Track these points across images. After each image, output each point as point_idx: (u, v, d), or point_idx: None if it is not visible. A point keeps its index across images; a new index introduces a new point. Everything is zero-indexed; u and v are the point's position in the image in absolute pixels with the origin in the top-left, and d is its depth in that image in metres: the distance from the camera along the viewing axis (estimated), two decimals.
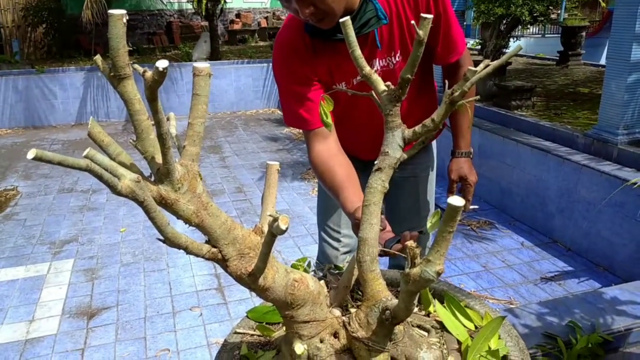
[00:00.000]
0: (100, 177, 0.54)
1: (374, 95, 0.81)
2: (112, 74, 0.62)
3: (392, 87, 0.79)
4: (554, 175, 3.64)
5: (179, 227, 0.68)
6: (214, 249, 0.72)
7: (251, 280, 0.71)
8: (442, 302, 0.99)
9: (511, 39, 5.38)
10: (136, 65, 0.58)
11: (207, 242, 0.74)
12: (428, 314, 0.98)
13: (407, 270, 0.67)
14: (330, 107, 1.01)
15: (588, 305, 2.15)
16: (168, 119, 0.74)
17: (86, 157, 0.56)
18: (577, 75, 6.55)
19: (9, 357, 2.76)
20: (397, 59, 1.49)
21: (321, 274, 1.05)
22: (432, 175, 1.93)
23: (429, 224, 0.71)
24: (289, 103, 1.52)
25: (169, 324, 2.98)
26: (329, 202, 1.83)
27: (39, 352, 2.79)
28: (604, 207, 3.25)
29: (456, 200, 0.61)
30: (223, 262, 0.73)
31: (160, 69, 0.55)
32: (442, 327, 0.92)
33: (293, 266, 1.07)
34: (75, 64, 7.77)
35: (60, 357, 2.75)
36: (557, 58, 7.48)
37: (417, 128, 0.80)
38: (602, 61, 7.70)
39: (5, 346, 2.84)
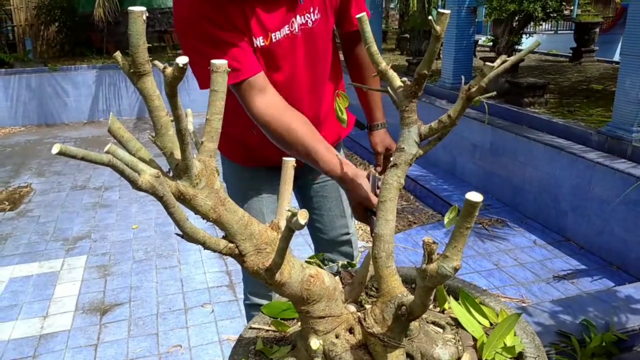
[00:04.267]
0: (122, 172, 0.55)
1: (390, 90, 0.81)
2: (131, 70, 0.62)
3: (408, 82, 0.79)
4: (567, 173, 3.61)
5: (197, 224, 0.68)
6: (231, 245, 0.73)
7: (268, 276, 0.72)
8: (456, 299, 0.99)
9: (524, 36, 5.33)
10: (156, 62, 0.58)
11: (224, 237, 0.74)
12: (443, 311, 0.98)
13: (423, 266, 0.67)
14: (347, 103, 1.00)
15: (602, 304, 2.14)
16: (186, 115, 0.75)
17: (107, 152, 0.57)
18: (591, 72, 6.48)
19: (24, 352, 2.80)
20: (316, 16, 1.38)
21: (335, 270, 1.05)
22: None
23: (446, 220, 0.71)
24: (209, 55, 1.20)
25: (181, 320, 3.00)
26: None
27: (53, 348, 2.82)
28: (617, 205, 3.22)
29: (474, 196, 0.61)
30: (240, 257, 0.74)
31: (181, 65, 0.56)
32: (457, 323, 0.92)
33: (307, 262, 1.07)
34: (87, 62, 7.83)
35: (73, 353, 2.78)
36: (570, 55, 7.41)
37: (434, 124, 0.80)
38: (616, 58, 7.62)
39: (20, 341, 2.88)
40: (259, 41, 1.31)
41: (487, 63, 0.74)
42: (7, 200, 4.82)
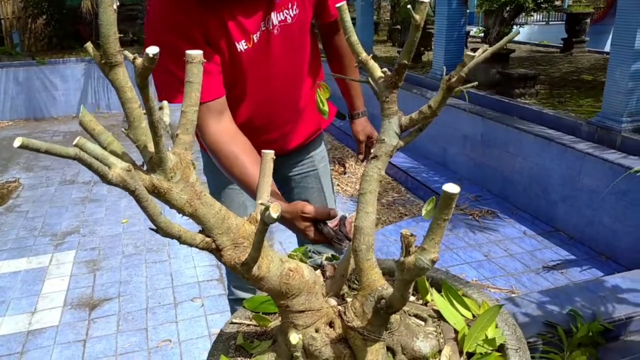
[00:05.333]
0: (89, 166, 0.54)
1: (370, 81, 0.80)
2: (103, 61, 0.61)
3: (389, 73, 0.78)
4: (557, 164, 3.62)
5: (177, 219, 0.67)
6: (207, 239, 0.72)
7: (245, 270, 0.71)
8: (439, 291, 0.98)
9: (514, 26, 5.33)
10: (126, 52, 0.57)
11: (200, 231, 0.73)
12: (425, 303, 0.98)
13: (401, 258, 0.66)
14: (328, 94, 0.99)
15: (589, 294, 2.15)
16: (161, 108, 0.73)
17: (76, 145, 0.55)
18: (581, 62, 6.50)
19: (12, 348, 2.78)
20: (294, 11, 1.36)
21: (318, 263, 1.04)
22: (328, 165, 1.85)
23: (424, 212, 0.70)
24: (169, 69, 1.23)
25: (171, 314, 2.99)
26: (234, 212, 1.73)
27: (41, 343, 2.80)
28: (607, 195, 3.24)
29: (451, 188, 0.60)
30: (217, 251, 0.73)
31: (151, 56, 0.54)
32: (439, 316, 0.92)
33: (290, 256, 1.06)
34: (75, 55, 7.75)
35: (62, 348, 2.76)
36: (561, 45, 7.42)
37: (414, 115, 0.79)
38: (607, 48, 7.64)
39: (8, 337, 2.86)
40: (242, 45, 1.30)
41: (468, 52, 0.73)
42: None
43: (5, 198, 4.72)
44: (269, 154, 0.80)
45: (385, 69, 0.79)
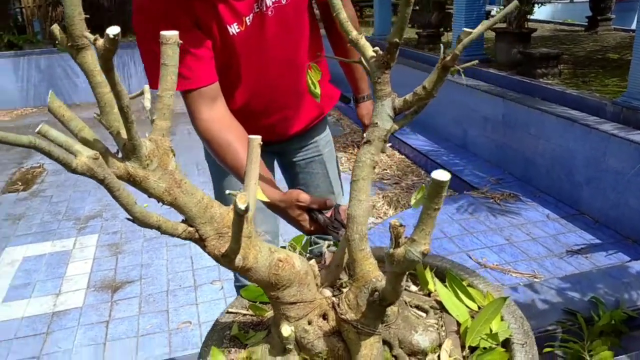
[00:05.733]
0: (49, 155, 0.51)
1: (363, 61, 0.75)
2: (69, 44, 0.58)
3: (380, 52, 0.73)
4: (581, 145, 3.50)
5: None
6: (190, 229, 0.69)
7: (227, 261, 0.68)
8: (444, 281, 0.94)
9: (536, 5, 5.14)
10: (86, 33, 0.53)
11: (183, 221, 0.70)
12: (429, 294, 0.93)
13: (391, 250, 0.62)
14: (319, 76, 0.94)
15: (612, 280, 2.07)
16: (142, 93, 0.70)
17: (39, 132, 0.53)
18: (607, 41, 6.25)
19: (38, 329, 2.84)
20: None
21: (319, 252, 1.01)
22: (334, 150, 1.79)
23: (413, 200, 0.65)
24: (159, 55, 1.28)
25: (191, 297, 3.01)
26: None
27: (66, 325, 2.86)
28: (633, 177, 3.11)
29: (441, 175, 0.55)
30: (201, 241, 0.70)
31: (111, 36, 0.51)
32: (442, 308, 0.88)
33: (290, 244, 1.03)
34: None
35: (85, 329, 2.81)
36: (586, 24, 7.15)
37: (408, 96, 0.74)
38: (633, 26, 7.32)
39: (34, 318, 2.92)
40: (234, 28, 1.25)
41: (465, 29, 0.67)
42: (20, 180, 4.88)
43: (30, 183, 4.81)
44: (256, 139, 0.76)
45: (377, 48, 0.74)
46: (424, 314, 0.85)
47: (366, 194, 0.76)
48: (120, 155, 0.64)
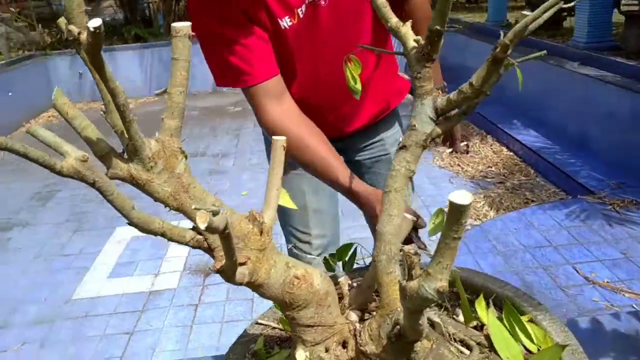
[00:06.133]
0: (25, 156, 0.48)
1: (405, 53, 0.65)
2: (71, 37, 0.55)
3: (422, 41, 0.62)
4: None
5: None
6: (199, 237, 0.64)
7: (224, 278, 0.62)
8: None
9: None
10: (71, 27, 0.50)
11: (193, 228, 0.66)
12: (482, 326, 0.81)
13: (403, 282, 0.52)
14: (359, 70, 0.84)
15: None
16: (164, 92, 0.66)
17: (28, 132, 0.51)
18: None
19: (135, 306, 3.04)
20: None
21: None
22: None
23: (430, 226, 0.55)
24: (220, 54, 1.18)
25: None
26: (291, 197, 1.61)
27: (159, 304, 3.02)
28: None
29: (460, 197, 0.44)
30: (210, 251, 0.65)
31: (92, 29, 0.47)
32: (491, 345, 0.75)
33: (338, 252, 0.95)
34: None
35: (177, 310, 2.96)
36: None
37: (452, 95, 0.62)
38: None
39: (133, 295, 3.13)
40: (286, 22, 1.18)
41: (524, 12, 0.55)
42: None
43: None
44: (279, 141, 0.69)
45: (419, 37, 0.63)
46: (467, 352, 0.73)
47: (399, 208, 0.66)
48: (125, 156, 0.60)
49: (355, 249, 0.96)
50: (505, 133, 4.80)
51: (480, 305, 0.81)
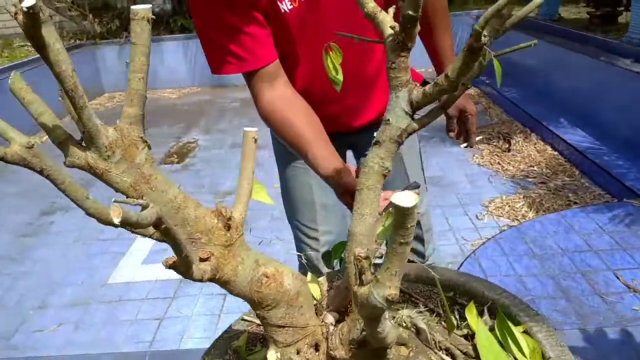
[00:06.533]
0: None
1: (385, 41, 0.60)
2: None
3: (398, 28, 0.57)
4: None
5: None
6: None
7: (179, 273, 0.59)
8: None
9: None
10: (9, 7, 0.48)
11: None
12: (473, 335, 0.75)
13: (355, 288, 0.48)
14: (340, 59, 0.79)
15: None
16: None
17: None
18: None
19: (166, 293, 3.10)
20: None
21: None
22: (416, 142, 1.55)
23: (379, 230, 0.50)
24: (216, 40, 1.16)
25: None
26: (296, 192, 1.53)
27: (189, 292, 3.06)
28: None
29: (404, 199, 0.39)
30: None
31: (25, 9, 0.45)
32: (478, 356, 0.69)
33: (334, 249, 0.91)
34: None
35: (206, 299, 2.99)
36: None
37: (428, 88, 0.57)
38: None
39: (166, 282, 3.18)
40: (286, 5, 1.14)
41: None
42: (176, 154, 5.37)
43: (183, 157, 5.27)
44: (250, 133, 0.66)
45: (396, 25, 0.58)
46: None
47: (371, 207, 0.61)
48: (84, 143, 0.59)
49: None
50: (550, 132, 4.60)
51: (470, 313, 0.75)
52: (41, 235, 3.91)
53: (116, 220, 0.40)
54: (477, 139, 1.47)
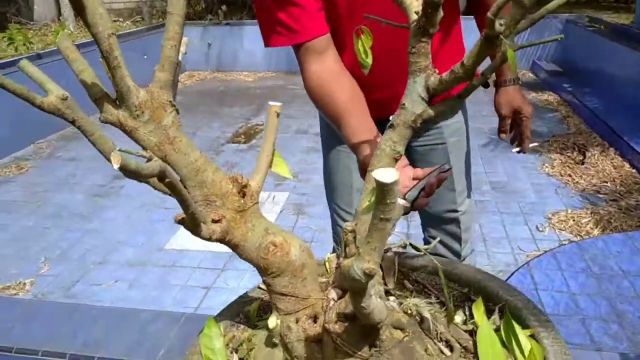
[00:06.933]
0: (3, 87, 0.52)
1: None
2: None
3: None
4: None
5: None
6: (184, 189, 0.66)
7: (188, 229, 0.62)
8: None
9: None
10: None
11: (181, 180, 0.67)
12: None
13: (340, 260, 0.49)
14: (370, 42, 0.79)
15: None
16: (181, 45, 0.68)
17: (19, 67, 0.55)
18: None
19: (216, 264, 3.22)
20: None
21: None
22: (465, 139, 1.48)
23: (361, 206, 0.50)
24: (270, 10, 1.16)
25: None
26: (337, 175, 1.52)
27: (237, 266, 3.17)
28: None
29: (385, 175, 0.40)
30: None
31: None
32: (476, 352, 0.68)
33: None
34: None
35: (251, 274, 3.07)
36: None
37: (445, 75, 0.57)
38: None
39: (216, 254, 3.31)
40: None
41: None
42: (244, 134, 5.53)
43: (250, 138, 5.42)
44: (274, 107, 0.68)
45: (419, 10, 0.58)
46: (448, 353, 0.68)
47: None
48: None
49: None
50: (631, 147, 4.32)
51: (477, 309, 0.74)
52: (111, 197, 4.17)
53: (115, 166, 0.44)
54: (532, 145, 1.42)
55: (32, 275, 3.16)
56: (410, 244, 0.95)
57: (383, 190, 0.41)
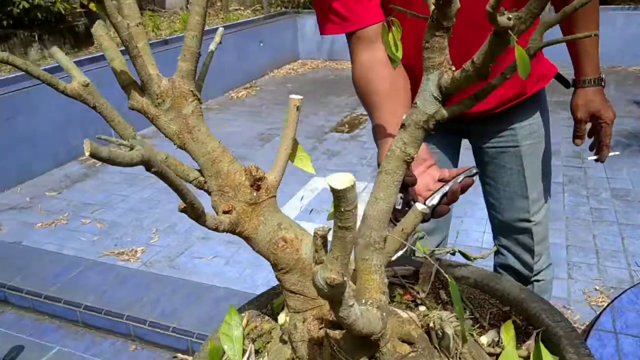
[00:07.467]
0: (27, 72, 0.56)
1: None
2: None
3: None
4: None
5: None
6: (201, 178, 0.66)
7: (193, 218, 0.62)
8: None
9: None
10: None
11: (199, 169, 0.68)
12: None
13: (313, 266, 0.46)
14: (400, 34, 0.72)
15: None
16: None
17: (50, 52, 0.59)
18: None
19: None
20: None
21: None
22: (543, 143, 1.31)
23: (328, 214, 0.45)
24: (324, 0, 1.12)
25: None
26: None
27: None
28: None
29: (338, 180, 0.37)
30: (209, 194, 0.67)
31: None
32: None
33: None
34: None
35: None
36: None
37: (457, 74, 0.50)
38: None
39: None
40: None
41: None
42: (348, 123, 5.56)
43: (353, 127, 5.43)
44: (294, 100, 0.66)
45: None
46: None
47: (386, 192, 0.57)
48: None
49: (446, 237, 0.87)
50: None
51: (507, 332, 0.67)
52: None
53: (87, 154, 0.45)
54: (611, 154, 1.25)
55: (143, 244, 3.45)
56: (459, 251, 0.89)
57: (337, 197, 0.38)
